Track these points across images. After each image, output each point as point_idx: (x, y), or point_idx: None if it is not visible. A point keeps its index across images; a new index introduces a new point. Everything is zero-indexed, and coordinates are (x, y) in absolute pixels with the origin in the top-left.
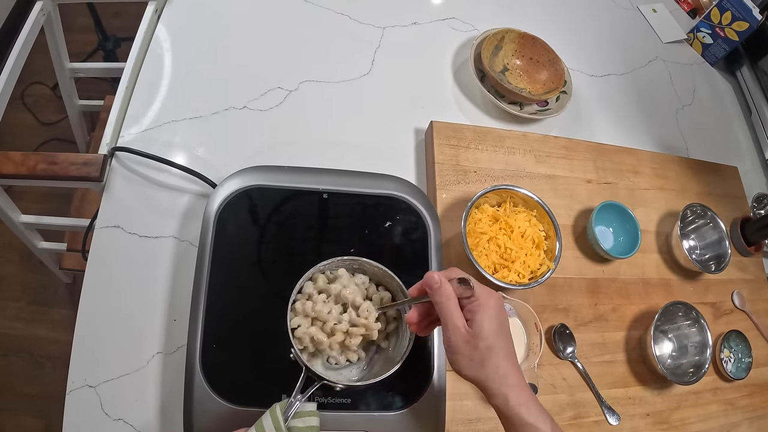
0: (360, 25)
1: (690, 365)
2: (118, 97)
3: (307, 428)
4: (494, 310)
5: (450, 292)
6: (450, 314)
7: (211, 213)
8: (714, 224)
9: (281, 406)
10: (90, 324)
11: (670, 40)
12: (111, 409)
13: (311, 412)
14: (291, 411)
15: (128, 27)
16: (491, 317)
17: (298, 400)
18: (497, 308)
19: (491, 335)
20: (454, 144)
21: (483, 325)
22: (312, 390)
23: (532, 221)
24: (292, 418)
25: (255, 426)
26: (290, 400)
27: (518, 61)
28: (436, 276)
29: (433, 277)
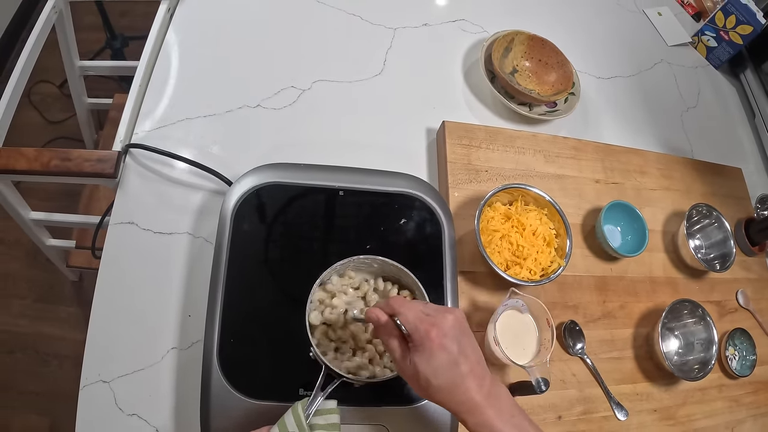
0: (372, 26)
1: (696, 362)
2: (132, 94)
3: (328, 425)
4: (433, 351)
5: (389, 330)
6: (391, 351)
7: (227, 210)
8: (719, 224)
9: (302, 404)
10: (104, 320)
11: (675, 43)
12: (125, 405)
13: (332, 410)
14: (312, 409)
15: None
16: (426, 359)
17: (318, 398)
18: (438, 348)
19: (430, 376)
20: (465, 144)
21: (419, 368)
22: (332, 387)
23: (543, 220)
24: (313, 416)
25: (278, 424)
26: (311, 398)
27: (527, 63)
28: (374, 315)
29: (372, 316)
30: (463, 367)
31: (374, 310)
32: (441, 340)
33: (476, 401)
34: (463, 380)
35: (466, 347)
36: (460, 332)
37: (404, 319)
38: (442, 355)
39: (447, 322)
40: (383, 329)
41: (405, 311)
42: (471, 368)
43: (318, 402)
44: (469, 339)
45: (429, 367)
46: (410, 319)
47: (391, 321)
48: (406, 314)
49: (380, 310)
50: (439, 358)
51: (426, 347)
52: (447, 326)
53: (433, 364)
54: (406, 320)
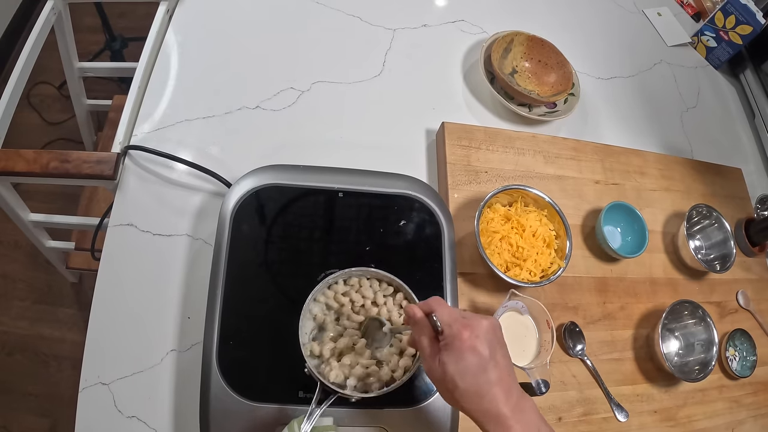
0: (371, 27)
1: (696, 363)
2: (131, 96)
3: None
4: (463, 352)
5: (423, 327)
6: (421, 349)
7: (227, 211)
8: (719, 225)
9: (298, 421)
10: (103, 321)
11: (674, 44)
12: (124, 407)
13: (328, 427)
14: (309, 426)
15: (134, 27)
16: (457, 359)
17: (315, 415)
18: (468, 349)
19: (456, 377)
20: (465, 145)
21: (447, 368)
22: (328, 404)
23: (542, 221)
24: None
25: None
26: (307, 415)
27: (527, 64)
28: (413, 310)
29: (410, 311)
30: (492, 374)
31: (412, 307)
32: (472, 341)
33: (502, 412)
34: (490, 388)
35: (497, 354)
36: (493, 338)
37: (440, 315)
38: (472, 357)
39: (481, 326)
40: (417, 326)
41: (441, 309)
42: (500, 377)
43: (314, 419)
44: (502, 348)
45: (457, 368)
46: (445, 317)
47: (426, 319)
48: (442, 312)
49: (417, 307)
50: (469, 360)
51: (456, 347)
52: (481, 330)
53: (461, 366)
54: (441, 317)
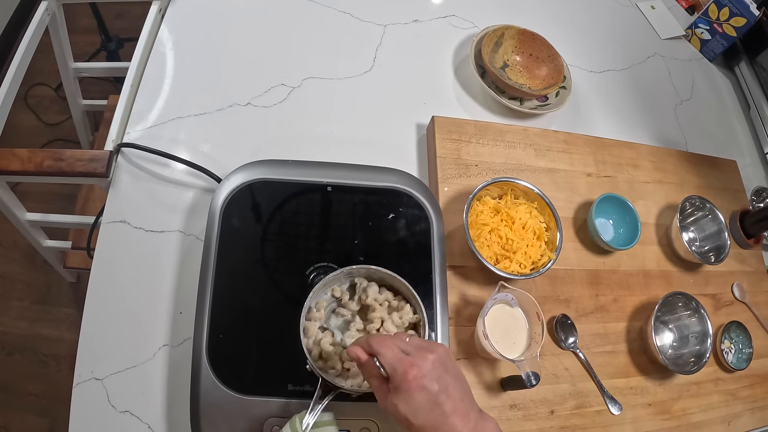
0: (362, 23)
1: (691, 355)
2: (123, 94)
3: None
4: (411, 392)
5: (370, 369)
6: (373, 389)
7: (216, 207)
8: (713, 216)
9: (300, 417)
10: (96, 317)
11: (668, 37)
12: (118, 402)
13: (329, 422)
14: (311, 421)
15: (130, 28)
16: (405, 401)
17: (316, 411)
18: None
19: (410, 416)
20: (455, 138)
21: (398, 409)
22: (329, 399)
23: (532, 213)
24: (311, 428)
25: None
26: (308, 410)
27: (518, 57)
28: (355, 353)
29: (353, 354)
30: (446, 407)
31: (355, 349)
32: (420, 381)
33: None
34: (446, 419)
35: (448, 385)
36: (442, 371)
37: (383, 359)
38: (421, 396)
39: (426, 363)
40: (364, 368)
41: (384, 351)
42: (454, 406)
43: (316, 414)
44: (452, 376)
45: (408, 408)
46: (388, 360)
47: (371, 361)
48: (384, 354)
49: (360, 349)
50: (418, 399)
51: (404, 389)
52: (426, 367)
53: (412, 405)
54: (385, 361)
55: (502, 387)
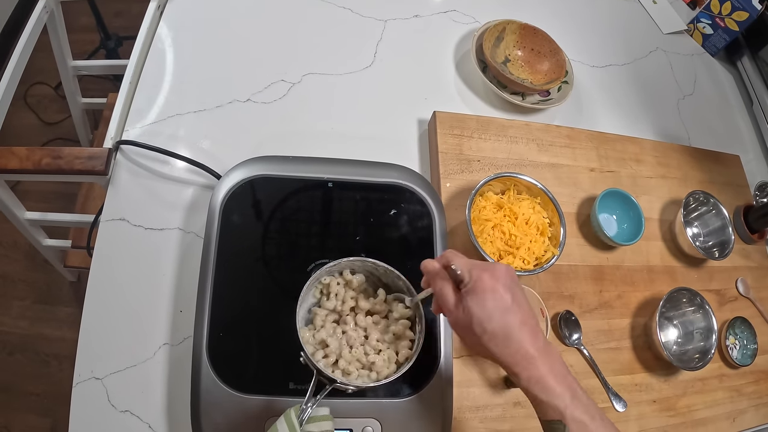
0: (362, 18)
1: (696, 351)
2: (122, 92)
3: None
4: (486, 294)
5: (443, 279)
6: (444, 301)
7: (216, 203)
8: (717, 211)
9: (295, 410)
10: (96, 316)
11: (670, 31)
12: (118, 401)
13: (325, 417)
14: (305, 416)
15: (130, 26)
16: (481, 302)
17: (311, 405)
18: (490, 290)
19: (484, 320)
20: (457, 134)
21: (473, 312)
22: (324, 393)
23: (536, 208)
24: (306, 423)
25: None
26: (303, 404)
27: (520, 52)
28: (431, 264)
29: (429, 266)
30: (517, 316)
31: (429, 262)
32: (494, 284)
33: (531, 354)
34: (518, 330)
35: (520, 297)
36: (512, 282)
37: (458, 264)
38: (496, 297)
39: (500, 269)
40: (436, 278)
41: (458, 259)
42: (524, 319)
43: (311, 409)
44: (521, 292)
45: (483, 311)
46: (463, 265)
47: (444, 270)
48: (459, 261)
49: (435, 261)
50: (493, 301)
51: (479, 289)
52: (500, 273)
53: (487, 308)
54: (459, 266)
55: (506, 384)
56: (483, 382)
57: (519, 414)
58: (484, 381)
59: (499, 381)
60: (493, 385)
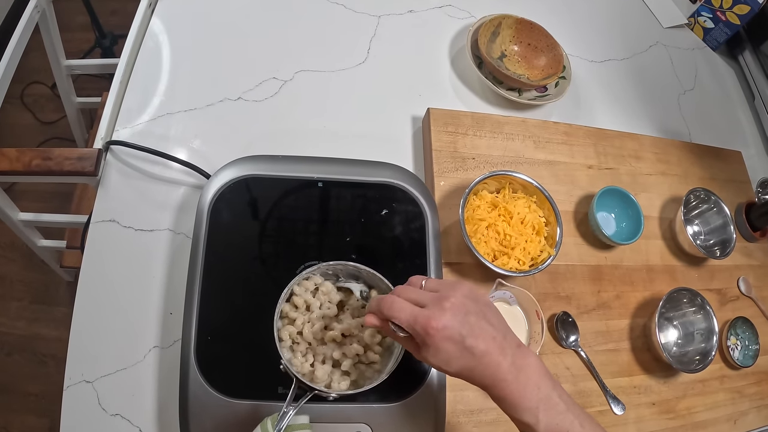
0: (355, 14)
1: (696, 353)
2: (113, 91)
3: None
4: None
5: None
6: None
7: (204, 204)
8: (718, 209)
9: (272, 419)
10: (86, 319)
11: (670, 25)
12: (108, 405)
13: (303, 425)
14: (283, 423)
15: (126, 24)
16: (434, 354)
17: (290, 413)
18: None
19: (442, 366)
20: (451, 131)
21: (431, 362)
22: (303, 401)
23: (531, 207)
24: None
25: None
26: (282, 412)
27: (516, 47)
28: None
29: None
30: (477, 349)
31: (369, 317)
32: (442, 333)
33: (497, 377)
34: (479, 361)
35: (474, 327)
36: (463, 314)
37: (398, 322)
38: (448, 346)
39: (445, 313)
40: (387, 331)
41: (397, 314)
42: (486, 347)
43: (289, 417)
44: (478, 315)
45: (439, 359)
46: (404, 320)
47: (388, 325)
48: (398, 317)
49: (374, 316)
50: (446, 349)
51: (429, 343)
52: (446, 318)
53: (441, 357)
54: (401, 320)
55: None
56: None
57: None
58: None
59: None
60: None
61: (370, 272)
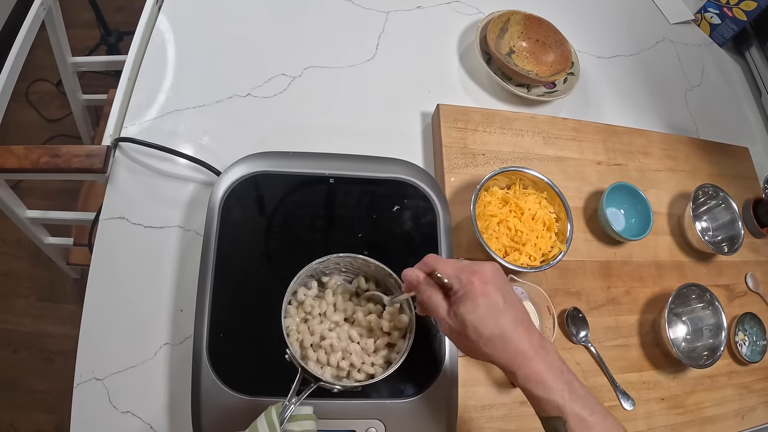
0: (363, 10)
1: (705, 348)
2: (120, 88)
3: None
4: (477, 299)
5: (429, 288)
6: (434, 310)
7: (215, 201)
8: (726, 205)
9: (276, 408)
10: (96, 316)
11: (677, 21)
12: (119, 402)
13: (307, 416)
14: (287, 413)
15: (131, 21)
16: (474, 308)
17: (293, 403)
18: (482, 295)
19: (478, 325)
20: (461, 127)
21: (467, 319)
22: (308, 392)
23: (542, 203)
24: (287, 421)
25: (249, 429)
26: (285, 402)
27: (524, 43)
28: (413, 274)
29: (411, 276)
30: (511, 316)
31: (411, 271)
32: (484, 287)
33: (527, 353)
34: (513, 331)
35: (510, 297)
36: (502, 281)
37: (443, 271)
38: (489, 301)
39: (487, 271)
40: (422, 287)
41: (442, 266)
42: (517, 318)
43: (293, 407)
44: (512, 290)
45: (476, 316)
46: (449, 271)
47: (430, 278)
48: (444, 268)
49: (417, 270)
50: (486, 304)
51: (470, 295)
52: (488, 274)
53: (479, 312)
54: (445, 272)
55: (511, 383)
56: (488, 381)
57: (525, 413)
58: (489, 380)
59: (504, 380)
60: (498, 384)
61: (379, 266)
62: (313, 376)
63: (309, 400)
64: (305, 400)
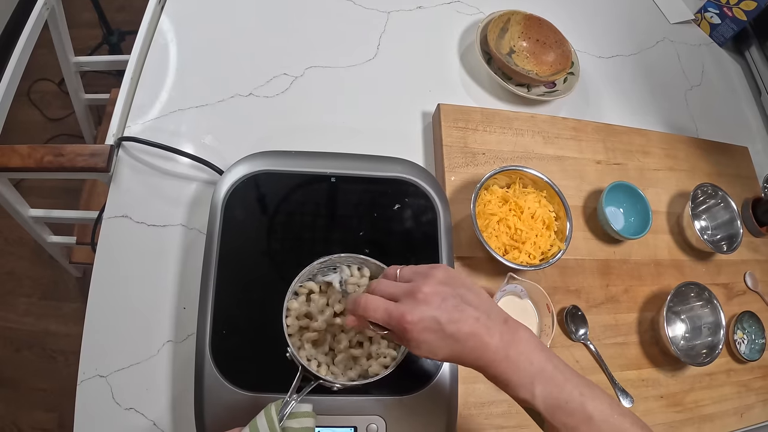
0: (364, 10)
1: (703, 346)
2: (123, 88)
3: (302, 429)
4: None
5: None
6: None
7: (218, 199)
8: (725, 204)
9: (276, 405)
10: (99, 314)
11: (677, 21)
12: (122, 399)
13: (307, 413)
14: (286, 410)
15: (133, 21)
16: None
17: (293, 400)
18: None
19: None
20: (461, 126)
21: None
22: (308, 389)
23: (542, 202)
24: (287, 419)
25: (249, 426)
26: (285, 399)
27: (524, 43)
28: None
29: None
30: (461, 333)
31: (349, 318)
32: (419, 326)
33: (487, 358)
34: (464, 345)
35: (453, 312)
36: (440, 300)
37: (376, 318)
38: (428, 336)
39: (418, 306)
40: (368, 330)
41: (372, 313)
42: (470, 329)
43: (292, 404)
44: (456, 298)
45: (424, 351)
46: (380, 318)
47: (367, 323)
48: (374, 315)
49: (351, 318)
50: (427, 341)
51: (408, 338)
52: (420, 310)
53: (425, 348)
54: (378, 319)
55: None
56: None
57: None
58: None
59: None
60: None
61: (379, 266)
62: (314, 374)
63: (310, 397)
64: (305, 397)
